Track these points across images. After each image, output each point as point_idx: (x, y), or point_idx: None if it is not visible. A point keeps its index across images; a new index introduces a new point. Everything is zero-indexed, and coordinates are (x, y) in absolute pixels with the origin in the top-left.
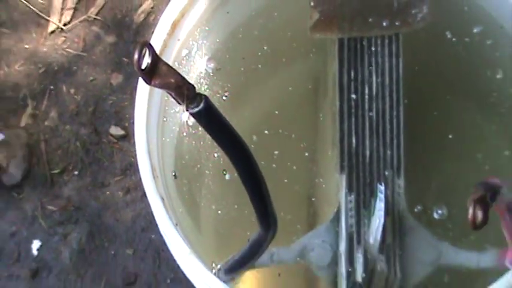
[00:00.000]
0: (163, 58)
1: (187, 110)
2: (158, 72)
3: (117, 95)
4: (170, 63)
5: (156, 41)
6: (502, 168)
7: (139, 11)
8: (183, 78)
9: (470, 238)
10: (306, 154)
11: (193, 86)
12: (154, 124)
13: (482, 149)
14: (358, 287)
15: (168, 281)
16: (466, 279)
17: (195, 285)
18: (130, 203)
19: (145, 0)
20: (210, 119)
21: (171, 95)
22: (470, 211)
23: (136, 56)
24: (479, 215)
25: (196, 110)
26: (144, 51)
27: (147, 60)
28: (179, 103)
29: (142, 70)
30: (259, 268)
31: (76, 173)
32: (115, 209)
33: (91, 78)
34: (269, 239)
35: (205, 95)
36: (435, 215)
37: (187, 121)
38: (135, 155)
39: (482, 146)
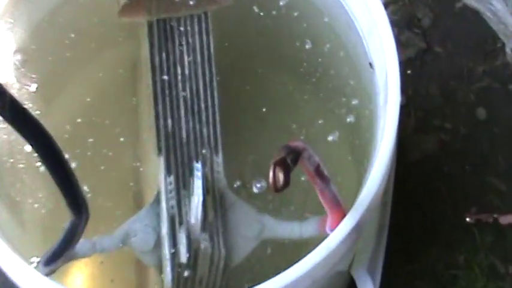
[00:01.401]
0: None
1: None
2: None
3: None
4: None
5: None
6: (315, 137)
7: None
8: None
9: (290, 209)
10: (122, 139)
11: None
12: None
13: (296, 119)
14: (183, 268)
15: None
16: (289, 249)
17: (14, 282)
18: None
19: None
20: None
21: None
22: (271, 174)
23: None
24: (280, 177)
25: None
26: None
27: None
28: None
29: None
30: (82, 259)
31: None
32: None
33: None
34: (82, 224)
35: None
36: (255, 189)
37: None
38: None
39: (297, 116)
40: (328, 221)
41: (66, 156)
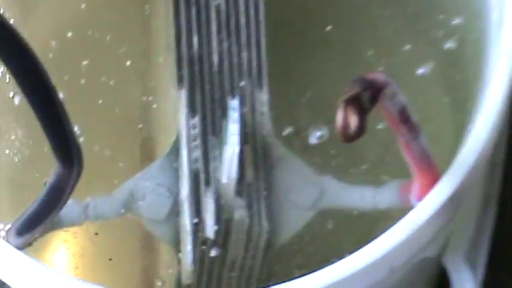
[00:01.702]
0: None
1: None
2: None
3: None
4: None
5: None
6: (400, 69)
7: None
8: None
9: (361, 168)
10: (128, 63)
11: None
12: None
13: (374, 44)
14: (209, 246)
15: None
16: (358, 225)
17: None
18: None
19: None
20: None
21: None
22: (340, 116)
23: None
24: (353, 121)
25: None
26: None
27: None
28: None
29: None
30: (69, 227)
31: None
32: None
33: None
34: (73, 179)
35: None
36: (312, 139)
37: None
38: None
39: (374, 39)
40: (414, 187)
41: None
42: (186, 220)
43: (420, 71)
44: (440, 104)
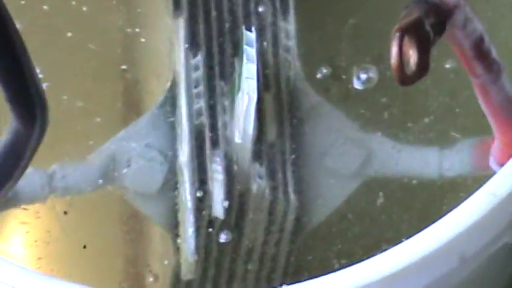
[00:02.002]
0: None
1: None
2: None
3: None
4: None
5: None
6: None
7: None
8: None
9: (422, 122)
10: None
11: None
12: None
13: None
14: (217, 228)
15: None
16: (417, 197)
17: None
18: None
19: None
20: None
21: None
22: (394, 50)
23: None
24: (412, 56)
25: None
26: None
27: None
28: None
29: None
30: (30, 204)
31: None
32: None
33: None
34: (34, 139)
35: None
36: (356, 83)
37: None
38: None
39: None
40: (493, 148)
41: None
42: (187, 194)
43: None
44: None
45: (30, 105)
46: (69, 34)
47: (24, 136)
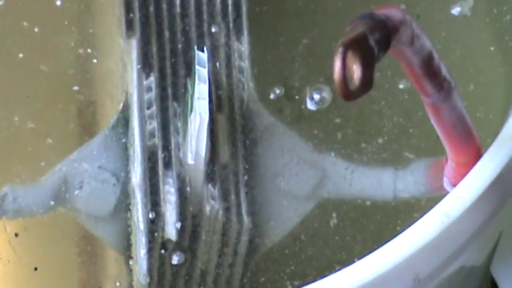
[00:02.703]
0: None
1: None
2: None
3: None
4: None
5: None
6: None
7: None
8: None
9: (376, 142)
10: (58, 2)
11: None
12: None
13: None
14: (170, 250)
15: None
16: (373, 221)
17: None
18: None
19: None
20: None
21: None
22: (337, 65)
23: None
24: (355, 71)
25: None
26: None
27: None
28: None
29: None
30: None
31: None
32: None
33: None
34: None
35: None
36: (310, 104)
37: None
38: None
39: None
40: (446, 168)
41: None
42: (139, 215)
43: (456, 9)
44: (483, 53)
45: None
46: (21, 55)
47: None
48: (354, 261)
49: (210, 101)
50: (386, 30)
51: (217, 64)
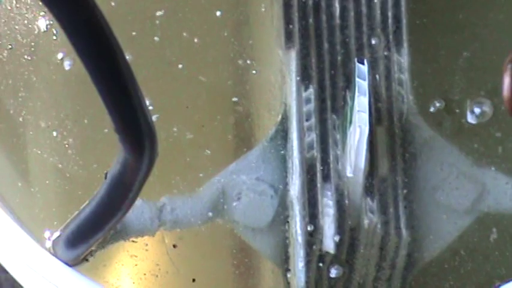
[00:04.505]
0: None
1: None
2: None
3: None
4: None
5: None
6: None
7: None
8: None
9: None
10: (218, 13)
11: None
12: None
13: None
14: (327, 263)
15: None
16: None
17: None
18: None
19: None
20: None
21: None
22: (507, 82)
23: None
24: None
25: None
26: None
27: None
28: None
29: None
30: (139, 237)
31: None
32: None
33: None
34: (143, 170)
35: None
36: (470, 117)
37: None
38: None
39: None
40: None
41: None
42: (297, 228)
43: None
44: None
45: (139, 136)
46: (180, 66)
47: (133, 167)
48: None
49: (370, 114)
50: None
51: (377, 76)
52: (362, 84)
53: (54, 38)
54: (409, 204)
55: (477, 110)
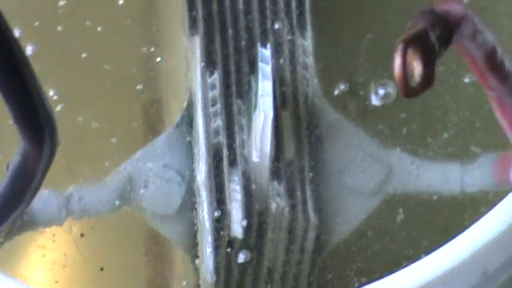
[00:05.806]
0: None
1: None
2: None
3: None
4: None
5: None
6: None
7: None
8: None
9: (442, 137)
10: (121, 1)
11: None
12: None
13: None
14: (236, 248)
15: None
16: (437, 213)
17: None
18: None
19: None
20: None
21: None
22: (398, 62)
23: None
24: (416, 67)
25: None
26: None
27: None
28: None
29: None
30: (46, 227)
31: None
32: None
33: None
34: (44, 160)
35: None
36: (374, 99)
37: None
38: None
39: None
40: None
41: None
42: (205, 214)
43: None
44: None
45: (39, 127)
46: (84, 55)
47: (33, 158)
48: (421, 257)
49: (274, 98)
50: (448, 26)
51: (281, 60)
52: (265, 68)
53: None
54: (316, 188)
55: (381, 92)
